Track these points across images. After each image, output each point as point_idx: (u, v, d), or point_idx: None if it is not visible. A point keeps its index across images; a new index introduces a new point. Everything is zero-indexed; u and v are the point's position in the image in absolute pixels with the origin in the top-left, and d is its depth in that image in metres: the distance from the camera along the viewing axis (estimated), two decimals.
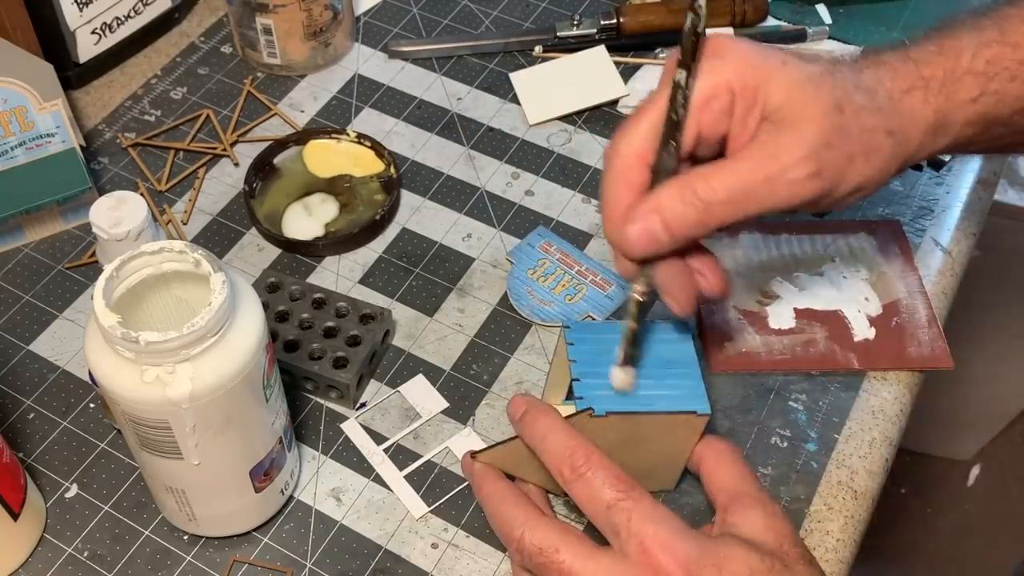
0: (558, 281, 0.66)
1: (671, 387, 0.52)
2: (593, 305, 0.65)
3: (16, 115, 0.65)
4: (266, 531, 0.57)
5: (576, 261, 0.68)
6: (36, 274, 0.68)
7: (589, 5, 0.86)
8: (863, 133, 0.47)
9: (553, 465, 0.49)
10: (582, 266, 0.67)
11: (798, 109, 0.46)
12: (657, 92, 0.48)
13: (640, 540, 0.45)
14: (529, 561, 0.48)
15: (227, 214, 0.72)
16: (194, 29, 0.84)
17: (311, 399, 0.62)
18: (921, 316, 0.65)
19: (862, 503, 0.59)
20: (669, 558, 0.45)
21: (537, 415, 0.51)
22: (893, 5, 0.86)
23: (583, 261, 0.68)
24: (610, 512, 0.46)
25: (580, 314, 0.65)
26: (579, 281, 0.66)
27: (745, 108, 0.47)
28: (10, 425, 0.61)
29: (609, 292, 0.66)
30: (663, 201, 0.46)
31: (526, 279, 0.67)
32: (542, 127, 0.77)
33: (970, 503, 1.58)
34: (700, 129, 0.47)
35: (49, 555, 0.56)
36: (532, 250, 0.68)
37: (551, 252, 0.68)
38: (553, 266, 0.67)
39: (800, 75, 0.47)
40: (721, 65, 0.47)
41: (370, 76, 0.81)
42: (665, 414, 0.51)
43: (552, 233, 0.69)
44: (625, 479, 0.47)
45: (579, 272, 0.67)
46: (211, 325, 0.44)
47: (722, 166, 0.47)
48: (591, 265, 0.67)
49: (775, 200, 0.46)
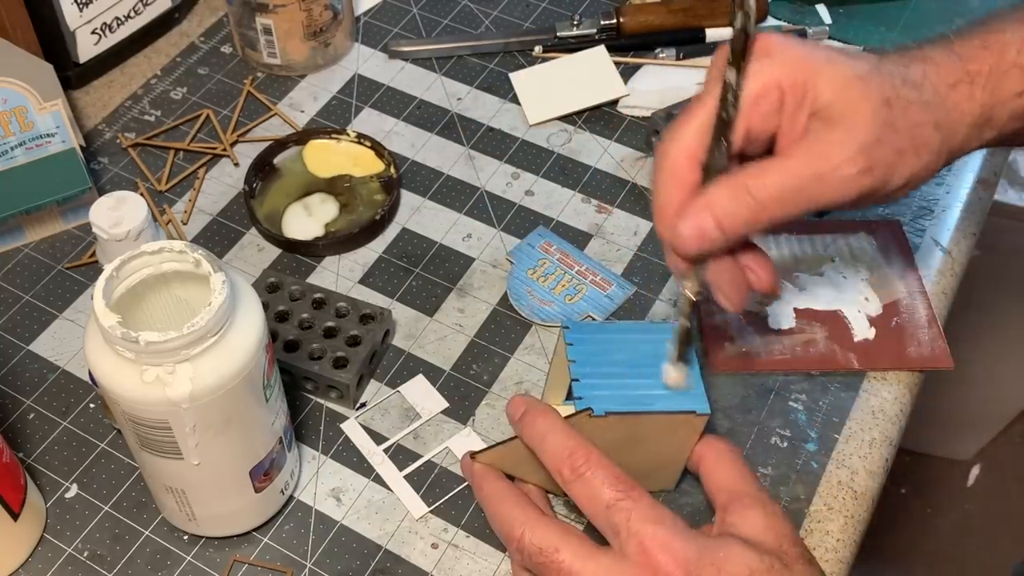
0: (558, 281, 0.66)
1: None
2: (593, 305, 0.65)
3: (16, 115, 0.65)
4: (266, 531, 0.57)
5: (576, 261, 0.68)
6: (36, 274, 0.68)
7: (589, 5, 0.86)
8: (912, 127, 0.47)
9: (552, 465, 0.49)
10: (582, 266, 0.67)
11: (847, 105, 0.46)
12: (706, 91, 0.48)
13: (640, 540, 0.45)
14: (529, 561, 0.48)
15: (227, 214, 0.72)
16: (194, 29, 0.84)
17: (311, 399, 0.62)
18: (921, 316, 0.65)
19: (862, 503, 0.59)
20: (669, 558, 0.45)
21: (536, 415, 0.51)
22: (893, 5, 0.86)
23: (583, 261, 0.68)
24: (609, 512, 0.46)
25: (580, 314, 0.65)
26: (579, 281, 0.66)
27: (794, 106, 0.47)
28: (10, 425, 0.61)
29: (609, 292, 0.66)
30: (715, 199, 0.46)
31: (526, 279, 0.67)
32: (542, 127, 0.77)
33: (970, 503, 1.58)
34: (750, 127, 0.47)
35: (49, 555, 0.56)
36: (532, 250, 0.68)
37: (551, 252, 0.68)
38: (553, 266, 0.67)
39: (848, 72, 0.47)
40: (770, 64, 0.47)
41: (370, 76, 0.81)
42: (664, 414, 0.51)
43: (552, 233, 0.69)
44: (624, 479, 0.47)
45: (579, 272, 0.67)
46: (211, 325, 0.44)
47: (773, 164, 0.47)
48: (591, 265, 0.67)
49: (827, 197, 0.47)
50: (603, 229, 0.70)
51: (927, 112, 0.48)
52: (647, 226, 0.71)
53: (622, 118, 0.78)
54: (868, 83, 0.47)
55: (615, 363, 0.52)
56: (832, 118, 0.46)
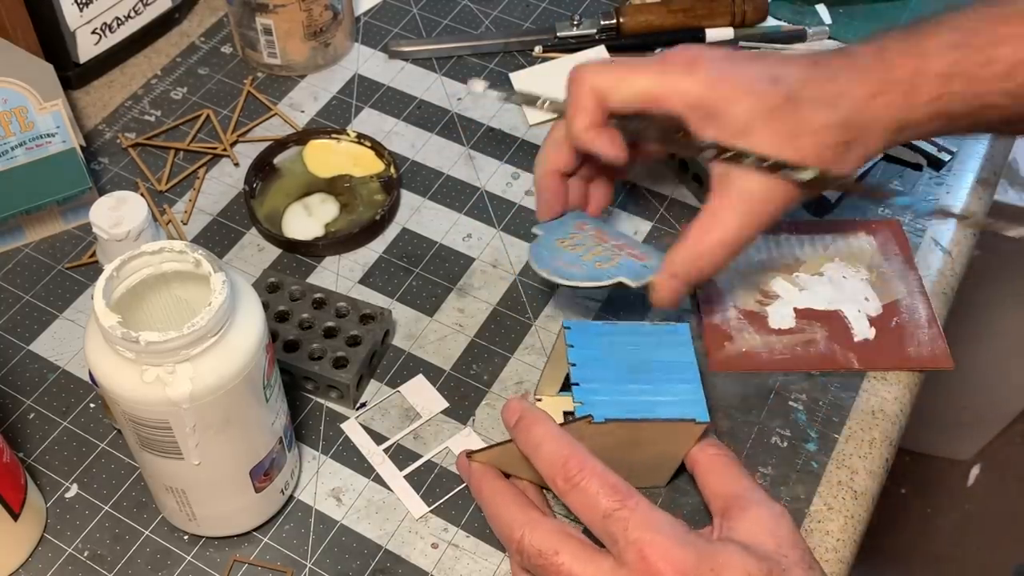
0: (589, 250, 0.60)
1: (670, 393, 0.52)
2: (627, 271, 0.57)
3: (16, 115, 0.65)
4: (266, 531, 0.57)
5: (612, 237, 0.61)
6: (36, 274, 0.68)
7: (589, 5, 0.86)
8: (824, 148, 0.52)
9: (547, 475, 0.48)
10: (618, 240, 0.61)
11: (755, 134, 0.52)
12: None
13: (638, 548, 0.45)
14: (529, 563, 0.48)
15: (227, 214, 0.72)
16: (194, 29, 0.84)
17: (311, 399, 0.62)
18: (921, 316, 0.65)
19: (862, 503, 0.59)
20: (667, 566, 0.44)
21: (531, 423, 0.50)
22: (893, 5, 0.86)
23: (619, 238, 0.61)
24: (606, 522, 0.46)
25: (611, 278, 0.57)
26: (614, 252, 0.59)
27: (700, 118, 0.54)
28: (10, 425, 0.61)
29: (647, 263, 0.58)
30: (678, 269, 0.56)
31: (552, 246, 0.60)
32: (542, 127, 0.77)
33: (970, 503, 1.58)
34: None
35: (49, 555, 0.56)
36: (564, 226, 0.62)
37: (585, 229, 0.62)
38: (585, 238, 0.61)
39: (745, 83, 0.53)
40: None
41: (370, 76, 0.81)
42: (664, 422, 0.51)
43: (587, 216, 0.63)
44: (620, 487, 0.47)
45: (615, 246, 0.60)
46: (211, 325, 0.44)
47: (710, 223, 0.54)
48: (628, 241, 0.61)
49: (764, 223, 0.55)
50: None
51: (838, 133, 0.52)
52: (647, 226, 0.71)
53: None
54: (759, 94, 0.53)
55: (616, 366, 0.52)
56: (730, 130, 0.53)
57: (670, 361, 0.53)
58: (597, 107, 0.56)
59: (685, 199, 0.73)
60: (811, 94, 0.52)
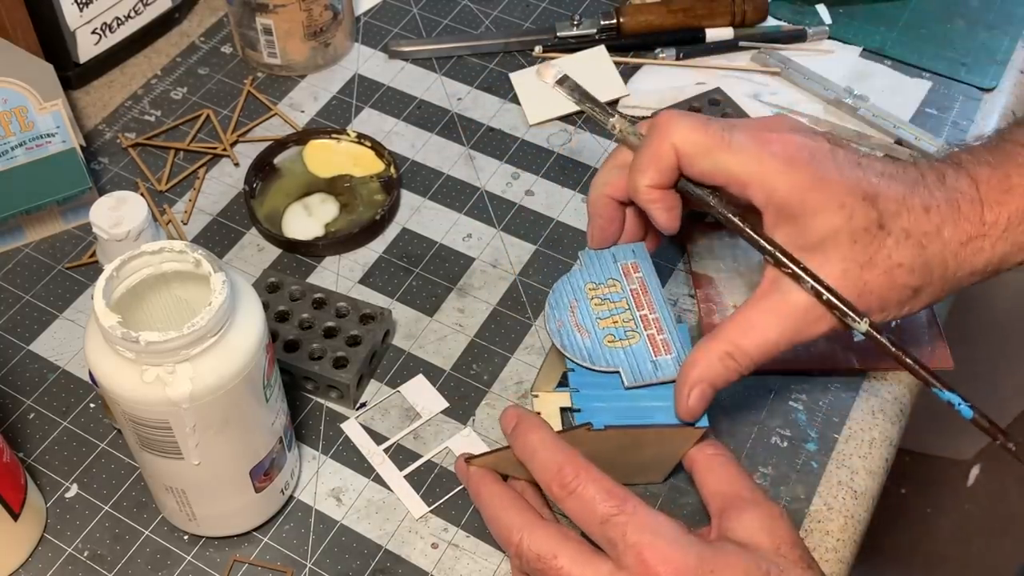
0: (611, 313, 0.54)
1: (669, 398, 0.51)
2: (631, 364, 0.53)
3: (16, 115, 0.65)
4: (266, 531, 0.57)
5: (650, 304, 0.55)
6: (36, 274, 0.68)
7: (589, 5, 0.86)
8: (891, 289, 0.49)
9: (543, 481, 0.48)
10: (653, 313, 0.54)
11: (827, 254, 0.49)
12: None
13: (637, 551, 0.45)
14: (528, 566, 0.48)
15: (227, 214, 0.72)
16: (194, 29, 0.84)
17: (311, 399, 0.62)
18: (921, 316, 0.65)
19: (862, 503, 0.58)
20: (667, 568, 0.44)
21: (527, 430, 0.50)
22: (893, 5, 0.86)
23: (658, 308, 0.55)
24: (604, 527, 0.46)
25: (609, 365, 0.52)
26: (634, 327, 0.54)
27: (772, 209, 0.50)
28: (10, 425, 0.61)
29: (659, 360, 0.53)
30: (705, 371, 0.50)
31: (580, 289, 0.55)
32: (542, 127, 0.77)
33: (970, 503, 1.58)
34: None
35: (49, 555, 0.56)
36: (611, 264, 0.57)
37: (630, 278, 0.56)
38: (620, 295, 0.55)
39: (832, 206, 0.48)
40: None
41: (370, 76, 0.81)
42: (663, 427, 0.51)
43: (648, 258, 0.57)
44: (617, 492, 0.47)
45: (643, 317, 0.54)
46: (211, 325, 0.44)
47: (752, 322, 0.50)
48: (663, 315, 0.54)
49: (807, 340, 0.50)
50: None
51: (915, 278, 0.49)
52: None
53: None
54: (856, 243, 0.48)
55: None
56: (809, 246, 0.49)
57: None
58: (671, 167, 0.51)
59: None
60: (901, 226, 0.48)
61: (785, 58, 0.80)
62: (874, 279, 0.48)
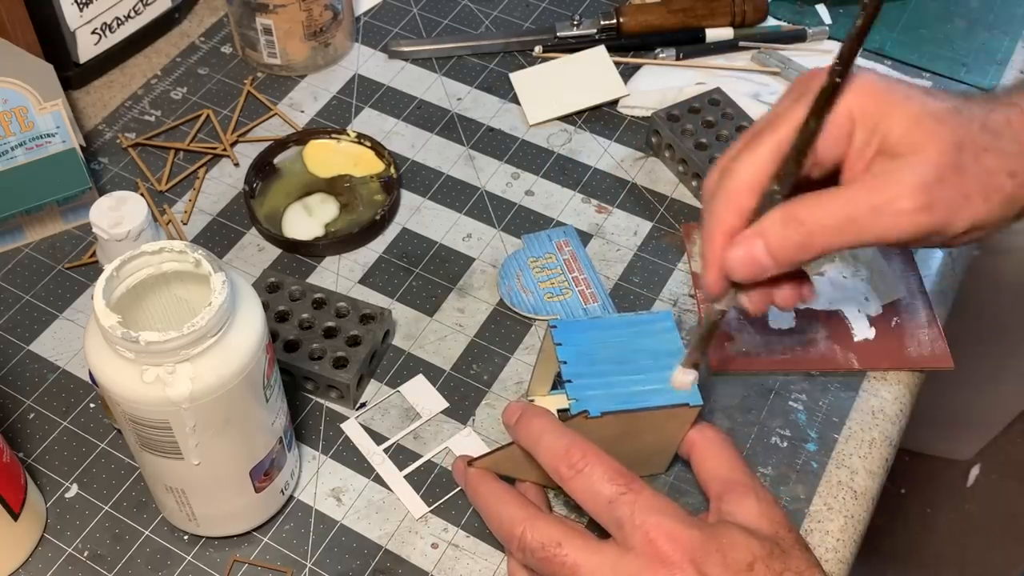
0: (550, 278, 0.66)
1: (661, 380, 0.52)
2: (567, 311, 0.65)
3: (16, 115, 0.66)
4: (266, 531, 0.57)
5: (580, 268, 0.67)
6: (36, 274, 0.68)
7: (589, 5, 0.86)
8: (983, 173, 0.46)
9: (550, 464, 0.49)
10: (582, 274, 0.67)
11: (914, 143, 0.45)
12: (777, 116, 0.47)
13: (645, 531, 0.45)
14: (531, 557, 0.48)
15: (227, 214, 0.72)
16: (194, 29, 0.84)
17: (311, 399, 0.62)
18: (921, 316, 0.65)
19: (862, 503, 0.59)
20: (675, 547, 0.45)
21: (531, 418, 0.51)
22: (893, 5, 0.86)
23: (586, 271, 0.67)
24: (612, 507, 0.47)
25: (550, 314, 0.65)
26: (568, 286, 0.66)
27: (864, 139, 0.46)
28: (10, 425, 0.61)
29: (589, 307, 0.65)
30: (768, 227, 0.46)
31: (524, 263, 0.67)
32: (542, 127, 0.77)
33: (970, 503, 1.58)
34: (816, 154, 0.46)
35: (49, 555, 0.56)
36: (547, 242, 0.69)
37: (563, 251, 0.68)
38: (555, 263, 0.67)
39: (922, 110, 0.46)
40: (845, 92, 0.46)
41: (370, 76, 0.81)
42: (658, 409, 0.51)
43: (577, 236, 0.69)
44: (623, 473, 0.48)
45: (575, 278, 0.66)
46: (211, 325, 0.44)
47: (829, 195, 0.46)
48: (591, 277, 0.66)
49: (880, 231, 0.45)
50: (603, 229, 0.70)
51: (1003, 160, 0.46)
52: (647, 226, 0.71)
53: (622, 118, 0.78)
54: (942, 123, 0.45)
55: (606, 360, 0.53)
56: (897, 154, 0.45)
57: (657, 349, 0.53)
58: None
59: (685, 199, 0.73)
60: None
61: (785, 58, 0.80)
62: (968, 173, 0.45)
